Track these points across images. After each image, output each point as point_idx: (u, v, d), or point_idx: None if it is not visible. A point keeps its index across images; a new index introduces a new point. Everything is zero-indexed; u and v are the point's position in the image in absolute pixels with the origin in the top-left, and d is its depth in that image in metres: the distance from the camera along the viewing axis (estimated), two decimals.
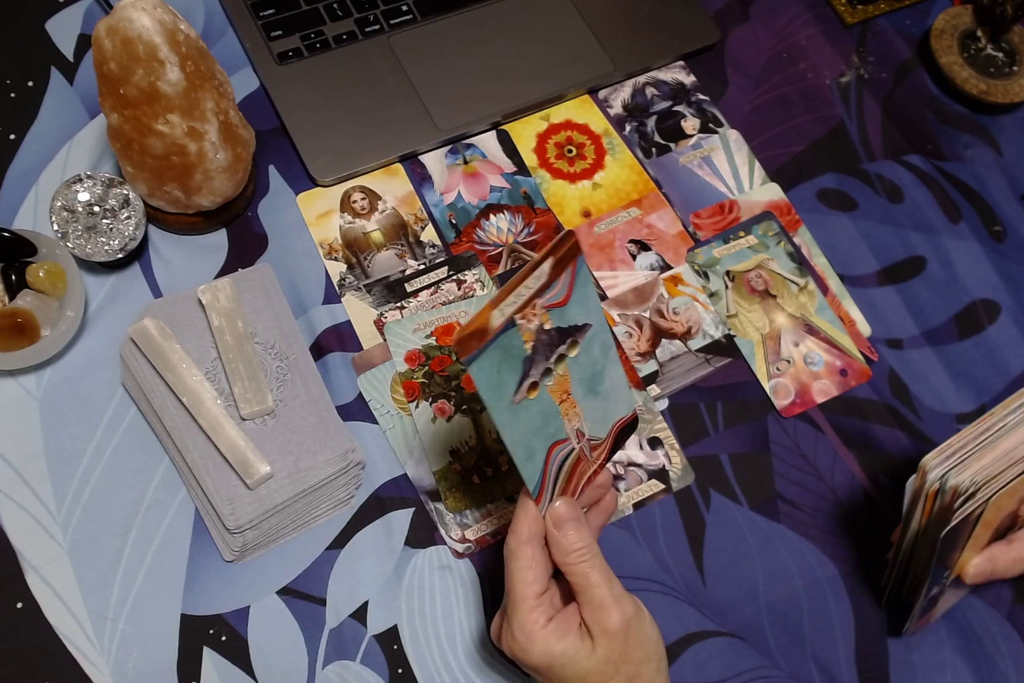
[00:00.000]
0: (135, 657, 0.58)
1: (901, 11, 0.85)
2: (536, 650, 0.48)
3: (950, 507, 0.53)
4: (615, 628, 0.49)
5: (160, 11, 0.54)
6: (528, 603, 0.49)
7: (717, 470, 0.67)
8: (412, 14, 0.75)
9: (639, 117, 0.77)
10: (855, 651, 0.64)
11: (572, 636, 0.49)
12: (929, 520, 0.55)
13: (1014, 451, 0.53)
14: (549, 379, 0.48)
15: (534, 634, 0.48)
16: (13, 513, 0.60)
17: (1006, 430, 0.54)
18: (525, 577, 0.49)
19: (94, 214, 0.63)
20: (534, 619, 0.49)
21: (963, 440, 0.54)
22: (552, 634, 0.48)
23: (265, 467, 0.58)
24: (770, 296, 0.72)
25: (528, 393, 0.47)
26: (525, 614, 0.49)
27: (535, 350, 0.46)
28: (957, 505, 0.52)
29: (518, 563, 0.49)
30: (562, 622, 0.49)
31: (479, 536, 0.63)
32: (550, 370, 0.48)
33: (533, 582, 0.49)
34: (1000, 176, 0.79)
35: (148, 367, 0.60)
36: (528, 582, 0.49)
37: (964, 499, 0.52)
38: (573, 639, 0.49)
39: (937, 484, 0.53)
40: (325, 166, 0.70)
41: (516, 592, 0.49)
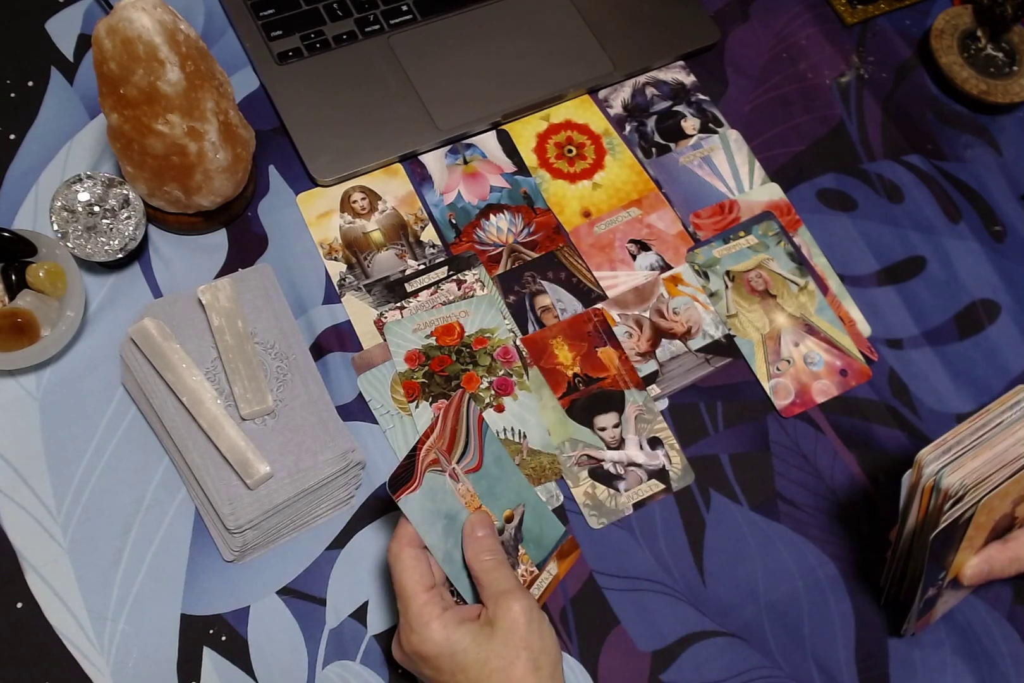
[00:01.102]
0: (135, 657, 0.58)
1: (901, 11, 0.85)
2: (435, 636, 0.49)
3: (940, 509, 0.53)
4: (518, 612, 0.49)
5: (160, 11, 0.54)
6: (420, 598, 0.50)
7: (717, 470, 0.67)
8: (412, 14, 0.75)
9: (639, 117, 0.77)
10: (855, 651, 0.64)
11: (469, 623, 0.50)
12: (925, 517, 0.55)
13: (1005, 453, 0.53)
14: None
15: (431, 623, 0.49)
16: (13, 513, 0.60)
17: (1002, 427, 0.54)
18: (412, 576, 0.51)
19: (94, 214, 0.63)
20: (428, 611, 0.50)
21: (959, 435, 0.54)
22: (450, 621, 0.49)
23: (265, 467, 0.58)
24: (770, 296, 0.72)
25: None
26: (419, 608, 0.50)
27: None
28: (946, 508, 0.52)
29: (403, 564, 0.51)
30: (458, 612, 0.50)
31: None
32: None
33: (420, 579, 0.51)
34: (1000, 176, 0.79)
35: (148, 367, 0.60)
36: (416, 579, 0.50)
37: (953, 502, 0.52)
38: (471, 626, 0.49)
39: (932, 480, 0.53)
40: (325, 166, 0.70)
41: (407, 590, 0.50)
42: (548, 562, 0.59)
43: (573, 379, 0.67)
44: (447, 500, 0.54)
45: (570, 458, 0.65)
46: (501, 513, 0.56)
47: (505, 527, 0.56)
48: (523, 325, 0.69)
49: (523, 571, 0.57)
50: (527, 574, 0.57)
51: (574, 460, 0.65)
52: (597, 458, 0.65)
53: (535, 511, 0.59)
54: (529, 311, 0.69)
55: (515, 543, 0.57)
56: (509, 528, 0.57)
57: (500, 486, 0.57)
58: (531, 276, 0.70)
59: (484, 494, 0.56)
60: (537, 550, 0.58)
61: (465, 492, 0.55)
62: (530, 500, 0.59)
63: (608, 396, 0.67)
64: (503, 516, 0.57)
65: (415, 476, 0.52)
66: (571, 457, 0.65)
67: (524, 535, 0.57)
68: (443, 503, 0.53)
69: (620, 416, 0.66)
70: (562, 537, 0.60)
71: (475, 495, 0.55)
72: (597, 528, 0.64)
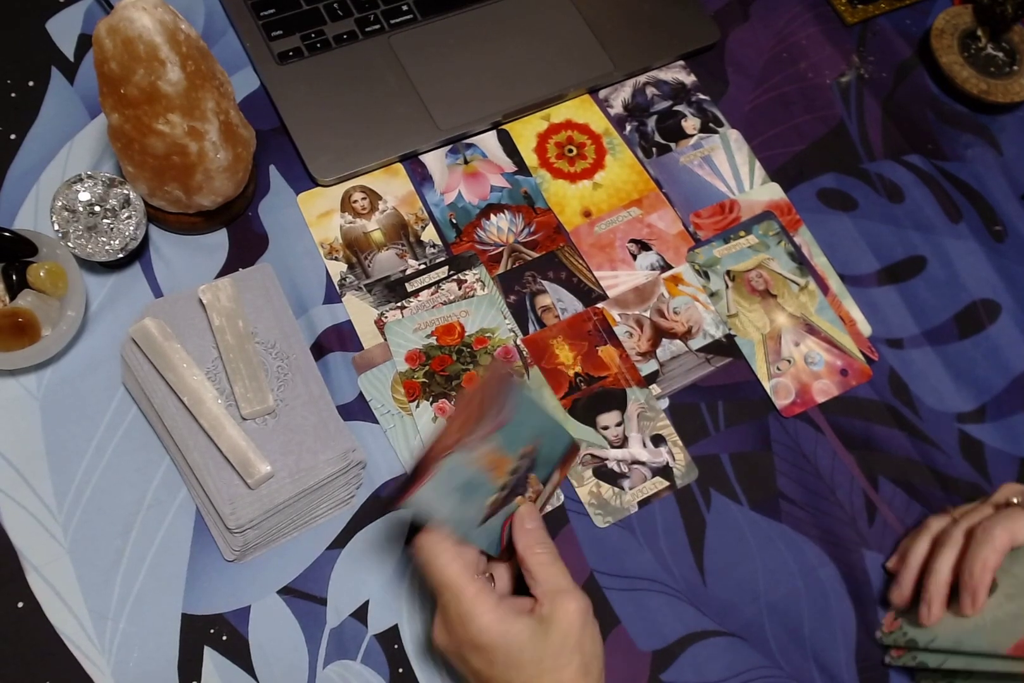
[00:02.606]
0: (136, 656, 0.58)
1: (901, 11, 0.85)
2: (492, 628, 0.47)
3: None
4: (574, 612, 0.48)
5: (161, 11, 0.54)
6: (471, 587, 0.48)
7: (718, 470, 0.67)
8: (412, 14, 0.75)
9: (639, 117, 0.77)
10: (855, 651, 0.64)
11: (526, 619, 0.48)
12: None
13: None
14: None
15: (487, 615, 0.47)
16: (14, 513, 0.60)
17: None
18: (455, 568, 0.49)
19: (95, 214, 0.63)
20: (483, 601, 0.48)
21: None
22: (507, 613, 0.48)
23: (266, 467, 0.58)
24: (771, 296, 0.72)
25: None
26: (471, 599, 0.48)
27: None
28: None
29: (445, 555, 0.49)
30: (512, 605, 0.49)
31: None
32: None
33: (465, 569, 0.49)
34: (1000, 176, 0.79)
35: (149, 367, 0.60)
36: (460, 571, 0.48)
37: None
38: (527, 621, 0.48)
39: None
40: (325, 166, 0.70)
41: (455, 582, 0.48)
42: (553, 474, 0.58)
43: (575, 379, 0.67)
44: (462, 473, 0.52)
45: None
46: (518, 454, 0.55)
47: (519, 464, 0.54)
48: (523, 325, 0.69)
49: (531, 492, 0.55)
50: (534, 494, 0.55)
51: (577, 460, 0.65)
52: (601, 457, 0.65)
53: (551, 436, 0.57)
54: (530, 311, 0.69)
55: (526, 473, 0.55)
56: (524, 463, 0.55)
57: (520, 429, 0.55)
58: (531, 276, 0.70)
59: (503, 446, 0.54)
60: (544, 468, 0.57)
61: (481, 456, 0.53)
62: (548, 428, 0.57)
63: (610, 395, 0.67)
64: (519, 454, 0.55)
65: (423, 472, 0.51)
66: None
67: (537, 460, 0.56)
68: (458, 477, 0.52)
69: (622, 414, 0.66)
70: (568, 447, 0.59)
71: (492, 451, 0.53)
72: (602, 527, 0.64)
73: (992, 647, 0.56)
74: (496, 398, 0.54)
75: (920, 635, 0.61)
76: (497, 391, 0.54)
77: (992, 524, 0.58)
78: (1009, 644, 0.55)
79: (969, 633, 0.58)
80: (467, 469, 0.52)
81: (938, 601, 0.60)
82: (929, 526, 0.63)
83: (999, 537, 0.57)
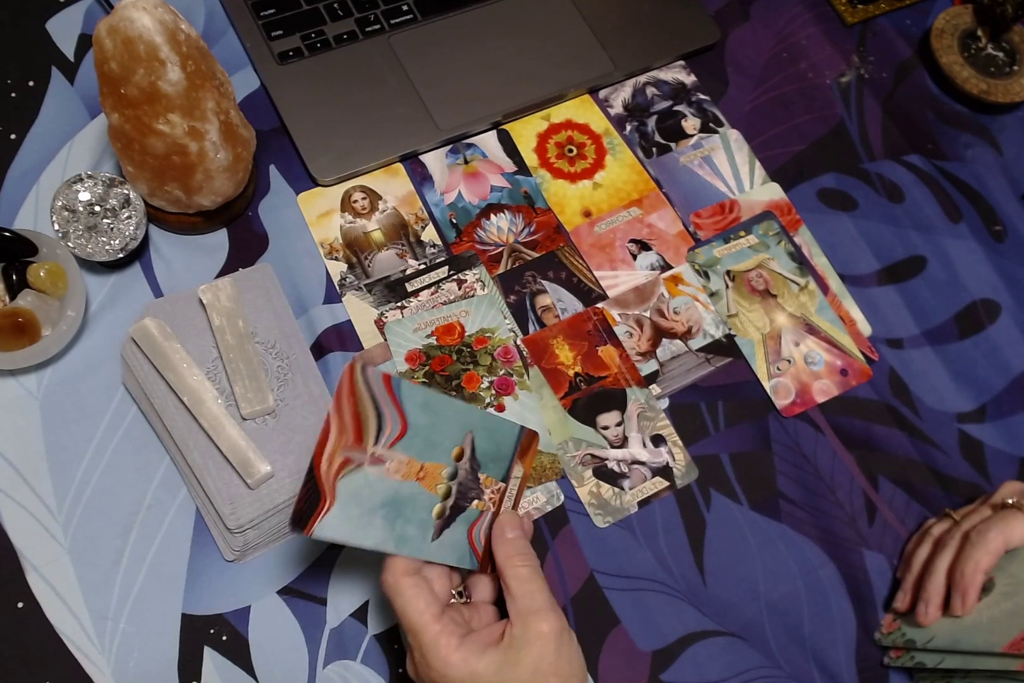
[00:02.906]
0: (136, 657, 0.58)
1: (901, 11, 0.85)
2: (455, 671, 0.45)
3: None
4: (549, 633, 0.46)
5: (161, 11, 0.54)
6: (431, 629, 0.46)
7: (718, 470, 0.67)
8: (412, 14, 0.75)
9: (639, 117, 0.77)
10: (855, 651, 0.64)
11: (492, 651, 0.46)
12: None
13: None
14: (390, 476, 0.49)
15: (450, 658, 0.46)
16: (14, 513, 0.60)
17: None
18: (416, 606, 0.47)
19: (95, 214, 0.63)
20: (444, 643, 0.46)
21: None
22: (470, 653, 0.46)
23: (266, 467, 0.58)
24: (771, 296, 0.72)
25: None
26: (433, 640, 0.46)
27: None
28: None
29: (403, 597, 0.47)
30: (477, 639, 0.47)
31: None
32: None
33: (426, 608, 0.47)
34: (1000, 176, 0.79)
35: (149, 367, 0.60)
36: (420, 610, 0.47)
37: None
38: (494, 654, 0.46)
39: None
40: (325, 166, 0.70)
41: (414, 623, 0.46)
42: (512, 468, 0.54)
43: (575, 378, 0.67)
44: (376, 490, 0.48)
45: (573, 458, 0.65)
46: (449, 457, 0.51)
47: (457, 466, 0.51)
48: (523, 325, 0.69)
49: (489, 494, 0.52)
50: (495, 494, 0.53)
51: (577, 459, 0.65)
52: (601, 457, 0.65)
53: (484, 430, 0.53)
54: (529, 311, 0.69)
55: (474, 475, 0.52)
56: (462, 465, 0.51)
57: (437, 432, 0.51)
58: (532, 276, 0.70)
59: (421, 452, 0.50)
60: (497, 464, 0.53)
61: (397, 467, 0.49)
62: (475, 422, 0.53)
63: (610, 395, 0.67)
64: (452, 456, 0.51)
65: (323, 496, 0.46)
66: (574, 456, 0.65)
67: (480, 459, 0.52)
68: (372, 496, 0.48)
69: (622, 414, 0.66)
70: (518, 437, 0.55)
71: (410, 461, 0.49)
72: (602, 527, 0.64)
73: (988, 645, 0.56)
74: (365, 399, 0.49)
75: (918, 635, 0.61)
76: (363, 391, 0.49)
77: (987, 527, 0.59)
78: (1005, 642, 0.55)
79: (966, 632, 0.58)
80: (381, 485, 0.48)
81: (935, 601, 0.60)
82: (931, 532, 0.64)
83: (993, 540, 0.58)
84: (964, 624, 0.59)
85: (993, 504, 0.62)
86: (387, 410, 0.49)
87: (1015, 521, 0.58)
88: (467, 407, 0.53)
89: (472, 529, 0.52)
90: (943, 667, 0.60)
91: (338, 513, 0.47)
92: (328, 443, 0.47)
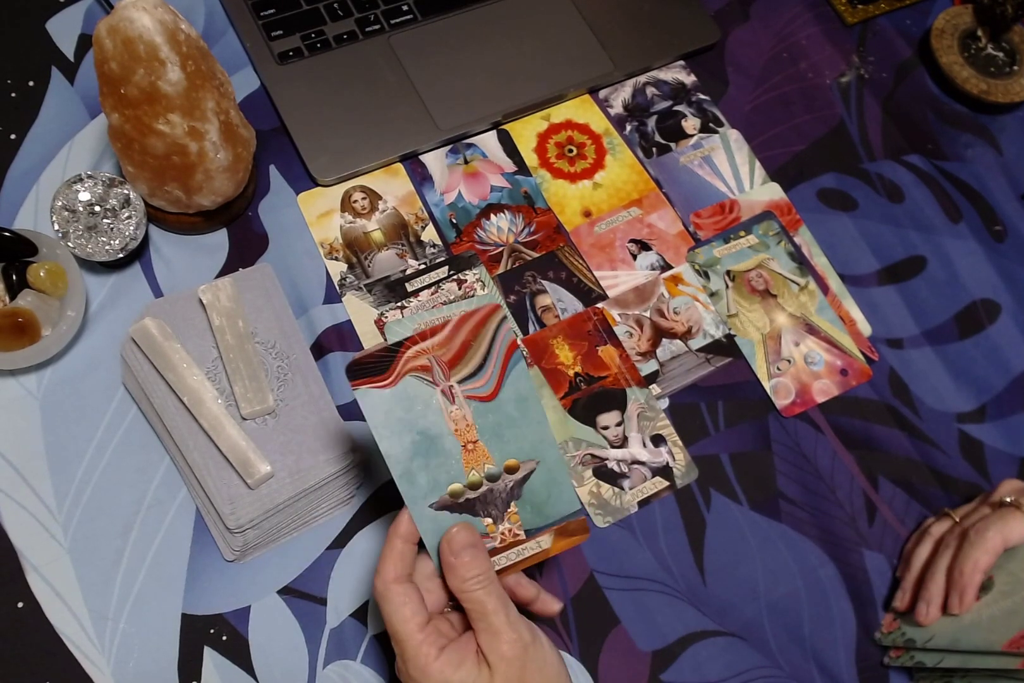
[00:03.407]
0: (136, 657, 0.58)
1: (901, 11, 0.85)
2: (437, 677, 0.47)
3: None
4: (511, 654, 0.47)
5: (161, 11, 0.54)
6: (414, 638, 0.47)
7: (718, 470, 0.67)
8: (412, 14, 0.75)
9: (639, 117, 0.77)
10: (855, 651, 0.64)
11: (469, 664, 0.47)
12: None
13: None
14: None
15: (428, 668, 0.47)
16: (14, 513, 0.60)
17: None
18: (403, 615, 0.47)
19: (95, 214, 0.63)
20: (425, 652, 0.47)
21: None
22: (447, 664, 0.47)
23: (266, 467, 0.58)
24: (771, 296, 0.72)
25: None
26: (414, 649, 0.47)
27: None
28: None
29: (391, 604, 0.48)
30: (456, 651, 0.47)
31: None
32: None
33: (412, 616, 0.47)
34: (1000, 176, 0.79)
35: (149, 367, 0.60)
36: (406, 618, 0.47)
37: None
38: (470, 667, 0.47)
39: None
40: (325, 166, 0.70)
41: (399, 631, 0.47)
42: (542, 533, 0.52)
43: (575, 379, 0.67)
44: (428, 416, 0.48)
45: (573, 458, 0.65)
46: (503, 458, 0.50)
47: (503, 476, 0.50)
48: (523, 325, 0.69)
49: (505, 530, 0.51)
50: (508, 534, 0.51)
51: (577, 459, 0.65)
52: (601, 457, 0.65)
53: (550, 475, 0.51)
54: (530, 311, 0.69)
55: (508, 498, 0.51)
56: (507, 479, 0.50)
57: (513, 430, 0.50)
58: (531, 276, 0.70)
59: (487, 430, 0.49)
60: (534, 516, 0.52)
61: (459, 418, 0.48)
62: (549, 461, 0.51)
63: (610, 395, 0.67)
64: (504, 463, 0.50)
65: (390, 372, 0.46)
66: (574, 456, 0.65)
67: (524, 494, 0.51)
68: (421, 417, 0.48)
69: (622, 414, 0.66)
70: (572, 514, 0.52)
71: (472, 426, 0.49)
72: (602, 527, 0.64)
73: (987, 644, 0.56)
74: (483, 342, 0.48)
75: (918, 634, 0.61)
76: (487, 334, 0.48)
77: (985, 526, 0.59)
78: (1004, 640, 0.55)
79: (965, 631, 0.58)
80: (435, 418, 0.48)
81: (936, 602, 0.60)
82: (931, 532, 0.64)
83: (991, 539, 0.58)
84: (964, 623, 0.59)
85: (992, 503, 0.63)
86: (491, 368, 0.49)
87: (1013, 520, 0.59)
88: (553, 441, 0.51)
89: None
90: (943, 666, 0.60)
91: (389, 397, 0.46)
92: (428, 340, 0.47)
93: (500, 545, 0.51)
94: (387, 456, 0.48)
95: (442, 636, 0.48)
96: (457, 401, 0.48)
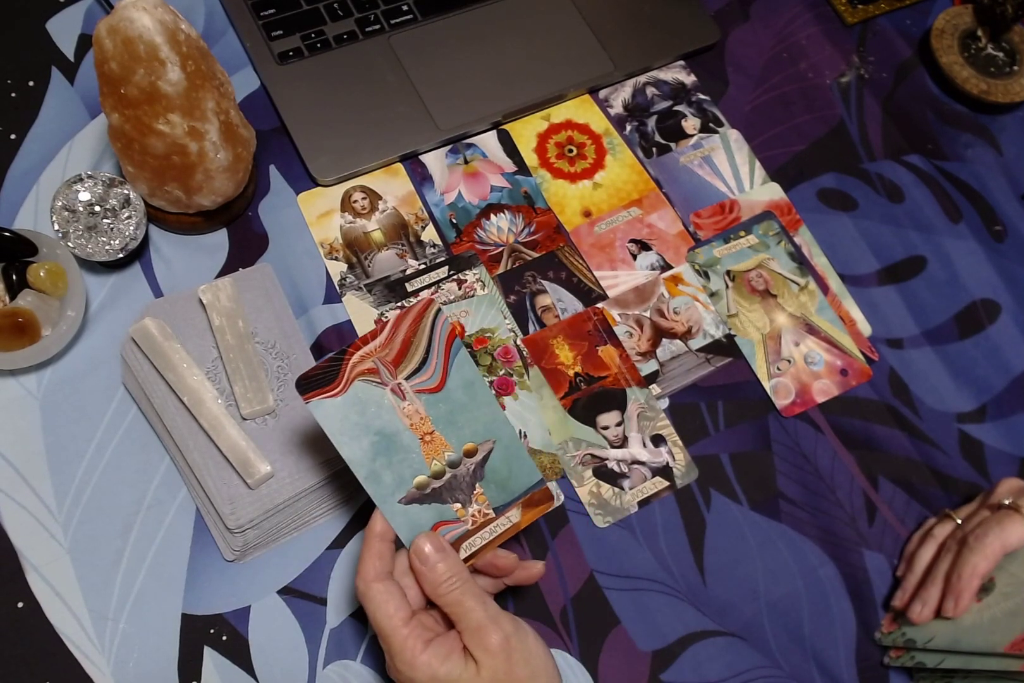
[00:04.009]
0: (136, 657, 0.58)
1: (901, 11, 0.85)
2: (420, 676, 0.47)
3: None
4: (495, 647, 0.48)
5: (161, 11, 0.54)
6: (399, 633, 0.48)
7: (718, 470, 0.67)
8: (412, 14, 0.75)
9: (639, 117, 0.77)
10: (855, 651, 0.64)
11: (455, 658, 0.48)
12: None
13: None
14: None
15: (415, 661, 0.47)
16: (14, 513, 0.60)
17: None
18: (386, 611, 0.48)
19: (95, 214, 0.63)
20: (411, 647, 0.47)
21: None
22: (434, 657, 0.47)
23: (266, 467, 0.58)
24: (771, 296, 0.72)
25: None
26: (400, 644, 0.48)
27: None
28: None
29: (373, 602, 0.48)
30: (442, 644, 0.48)
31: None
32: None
33: (396, 612, 0.48)
34: (1001, 176, 0.79)
35: (149, 367, 0.60)
36: (390, 614, 0.48)
37: None
38: (456, 660, 0.48)
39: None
40: (325, 166, 0.70)
41: (383, 628, 0.48)
42: (510, 508, 0.53)
43: (575, 379, 0.67)
44: (382, 416, 0.49)
45: (573, 458, 0.65)
46: (460, 444, 0.51)
47: (463, 461, 0.51)
48: (523, 325, 0.69)
49: (475, 511, 0.52)
50: (478, 515, 0.52)
51: (577, 459, 0.65)
52: (601, 457, 0.65)
53: (507, 451, 0.53)
54: (529, 311, 0.69)
55: (472, 480, 0.52)
56: (468, 463, 0.51)
57: (465, 414, 0.51)
58: (531, 276, 0.70)
59: (441, 419, 0.51)
60: (499, 493, 0.53)
61: (412, 413, 0.50)
62: (504, 438, 0.53)
63: (610, 394, 0.67)
64: (462, 449, 0.51)
65: (339, 380, 0.48)
66: (574, 456, 0.65)
67: (487, 474, 0.52)
68: (376, 418, 0.49)
69: (622, 414, 0.67)
70: (534, 485, 0.54)
71: (426, 418, 0.50)
72: (602, 527, 0.64)
73: (989, 645, 0.56)
74: (423, 336, 0.50)
75: (918, 635, 0.61)
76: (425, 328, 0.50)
77: (984, 532, 0.59)
78: (1006, 642, 0.55)
79: (966, 632, 0.58)
80: (389, 416, 0.49)
81: (931, 605, 0.61)
82: (933, 533, 0.64)
83: (991, 545, 0.58)
84: (965, 624, 0.59)
85: (991, 504, 0.63)
86: (434, 360, 0.50)
87: (1011, 525, 0.59)
88: (504, 418, 0.53)
89: (439, 527, 0.51)
90: (943, 667, 0.60)
91: (341, 405, 0.48)
92: (370, 344, 0.48)
93: (473, 527, 0.52)
94: (349, 461, 0.49)
95: (427, 630, 0.49)
96: (408, 397, 0.50)
